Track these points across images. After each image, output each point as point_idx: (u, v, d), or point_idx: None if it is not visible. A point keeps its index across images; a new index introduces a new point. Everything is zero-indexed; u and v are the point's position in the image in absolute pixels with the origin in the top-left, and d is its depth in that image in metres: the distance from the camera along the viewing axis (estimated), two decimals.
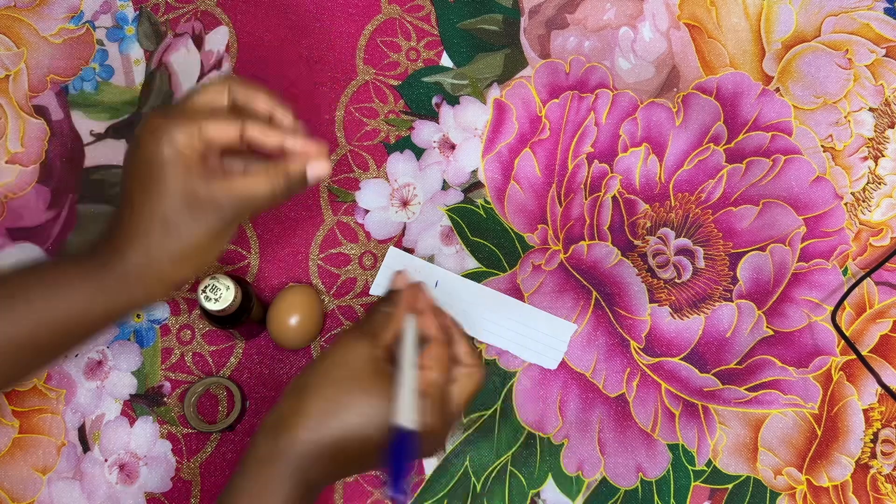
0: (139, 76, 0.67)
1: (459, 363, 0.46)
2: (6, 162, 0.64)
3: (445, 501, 0.60)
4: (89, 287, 0.42)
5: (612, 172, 0.66)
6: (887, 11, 0.71)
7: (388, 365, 0.43)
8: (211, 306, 0.53)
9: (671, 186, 0.66)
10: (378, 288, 0.63)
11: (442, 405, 0.44)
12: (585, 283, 0.64)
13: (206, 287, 0.53)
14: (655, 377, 0.63)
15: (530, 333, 0.62)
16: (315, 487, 0.43)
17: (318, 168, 0.45)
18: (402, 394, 0.42)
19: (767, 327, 0.64)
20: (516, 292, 0.64)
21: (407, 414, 0.41)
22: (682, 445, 0.62)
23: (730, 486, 0.62)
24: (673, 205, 0.66)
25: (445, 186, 0.66)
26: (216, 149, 0.44)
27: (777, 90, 0.69)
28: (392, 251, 0.63)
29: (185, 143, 0.42)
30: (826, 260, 0.66)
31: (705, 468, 0.62)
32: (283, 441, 0.41)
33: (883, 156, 0.68)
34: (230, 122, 0.43)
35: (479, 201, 0.65)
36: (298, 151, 0.45)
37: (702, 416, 0.62)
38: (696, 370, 0.63)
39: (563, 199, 0.66)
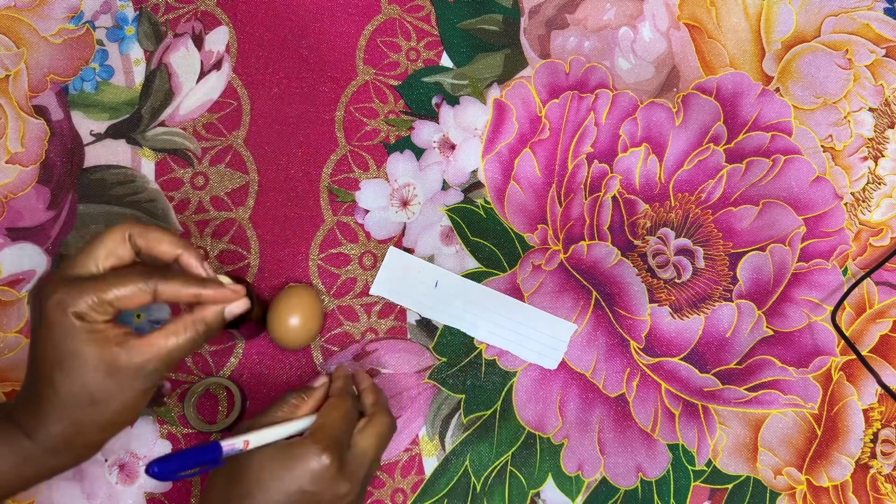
0: (139, 76, 0.67)
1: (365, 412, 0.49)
2: (6, 162, 0.64)
3: (445, 501, 0.60)
4: (15, 457, 0.41)
5: (612, 172, 0.66)
6: (887, 11, 0.71)
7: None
8: None
9: (671, 186, 0.67)
10: (378, 288, 0.63)
11: (340, 450, 0.46)
12: (585, 283, 0.64)
13: None
14: (655, 377, 0.63)
15: (530, 333, 0.62)
16: None
17: (236, 308, 0.44)
18: (268, 431, 0.45)
19: (767, 327, 0.64)
20: (516, 292, 0.64)
21: (258, 438, 0.44)
22: (682, 445, 0.62)
23: (730, 486, 0.62)
24: (673, 205, 0.66)
25: (445, 186, 0.66)
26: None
27: (777, 90, 0.69)
28: (392, 251, 0.63)
29: (97, 316, 0.40)
30: (826, 260, 0.66)
31: (705, 468, 0.62)
32: None
33: (883, 156, 0.68)
34: (140, 287, 0.41)
35: (479, 201, 0.65)
36: (214, 300, 0.43)
37: (702, 416, 0.62)
38: (696, 370, 0.63)
39: (563, 199, 0.66)
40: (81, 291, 0.39)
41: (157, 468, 0.39)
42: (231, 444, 0.43)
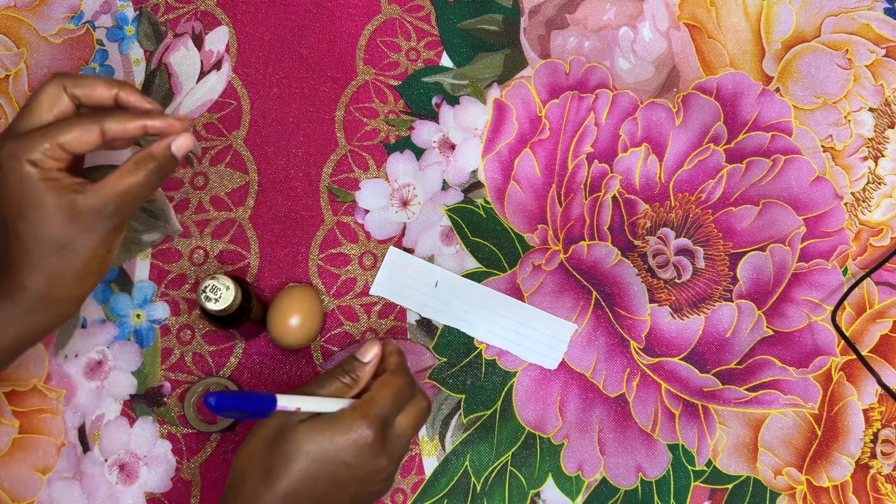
0: (139, 76, 0.67)
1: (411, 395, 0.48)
2: None
3: (445, 501, 0.60)
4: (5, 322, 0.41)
5: (612, 172, 0.66)
6: (887, 11, 0.71)
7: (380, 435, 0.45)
8: (211, 306, 0.53)
9: (671, 186, 0.67)
10: (378, 288, 0.63)
11: (384, 430, 0.45)
12: (585, 283, 0.64)
13: (206, 287, 0.53)
14: (655, 377, 0.63)
15: (530, 333, 0.62)
16: None
17: (181, 142, 0.44)
18: (320, 401, 0.45)
19: (767, 327, 0.64)
20: (516, 292, 0.64)
21: (307, 403, 0.45)
22: (682, 445, 0.62)
23: (730, 486, 0.62)
24: (673, 205, 0.66)
25: (445, 186, 0.66)
26: (80, 155, 0.43)
27: (777, 90, 0.69)
28: (392, 251, 0.63)
29: (49, 161, 0.41)
30: (826, 260, 0.66)
31: (705, 468, 0.62)
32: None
33: (883, 156, 0.68)
34: (86, 126, 0.42)
35: (479, 201, 0.65)
36: (162, 130, 0.44)
37: (702, 416, 0.62)
38: (696, 370, 0.63)
39: (563, 199, 0.66)
40: (32, 140, 0.40)
41: (214, 400, 0.41)
42: (285, 405, 0.44)
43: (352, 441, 0.44)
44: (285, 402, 0.44)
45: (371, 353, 0.48)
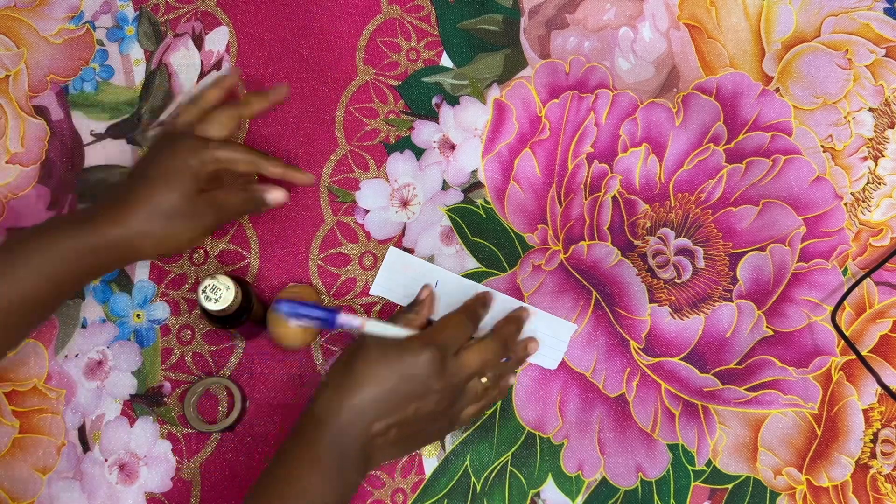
0: (139, 76, 0.67)
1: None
2: (6, 162, 0.64)
3: (445, 501, 0.60)
4: (82, 247, 0.51)
5: (612, 172, 0.66)
6: (887, 11, 0.71)
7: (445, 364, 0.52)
8: (211, 306, 0.53)
9: (671, 186, 0.67)
10: (378, 288, 0.63)
11: (445, 354, 0.52)
12: (585, 283, 0.64)
13: (206, 287, 0.53)
14: (655, 377, 0.63)
15: (530, 333, 0.62)
16: (370, 461, 0.51)
17: (276, 195, 0.57)
18: (384, 325, 0.52)
19: (767, 327, 0.64)
20: (516, 292, 0.64)
21: (374, 326, 0.52)
22: (682, 445, 0.62)
23: (730, 486, 0.62)
24: (673, 205, 0.66)
25: (445, 186, 0.66)
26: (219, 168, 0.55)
27: (777, 90, 0.69)
28: (392, 251, 0.63)
29: (200, 163, 0.54)
30: (826, 260, 0.66)
31: (705, 468, 0.62)
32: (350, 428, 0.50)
33: (883, 156, 0.68)
34: (246, 157, 0.56)
35: (479, 201, 0.65)
36: (280, 178, 0.59)
37: (702, 416, 0.62)
38: (696, 370, 0.63)
39: (563, 199, 0.66)
40: (207, 147, 0.54)
41: (286, 306, 0.50)
42: (349, 319, 0.51)
43: (412, 359, 0.50)
44: (350, 317, 0.51)
45: (425, 292, 0.57)
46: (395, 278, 0.63)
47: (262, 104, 0.59)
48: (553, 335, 0.62)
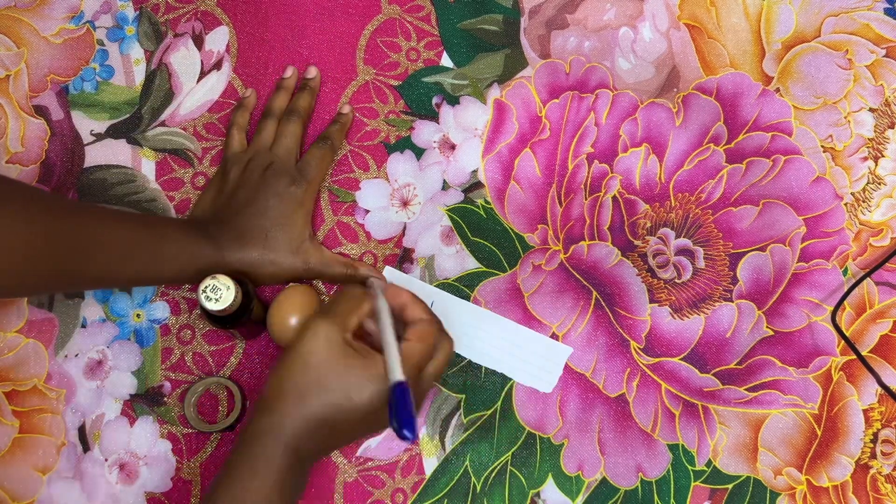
0: (139, 76, 0.67)
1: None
2: (6, 162, 0.64)
3: (445, 501, 0.60)
4: (200, 252, 0.56)
5: (612, 172, 0.66)
6: (887, 12, 0.71)
7: (359, 342, 0.49)
8: (211, 306, 0.53)
9: (671, 186, 0.67)
10: None
11: (419, 376, 0.49)
12: (585, 283, 0.64)
13: (206, 287, 0.53)
14: (655, 377, 0.63)
15: (526, 356, 0.62)
16: (307, 459, 0.48)
17: (377, 281, 0.57)
18: (390, 354, 0.47)
19: (767, 327, 0.64)
20: (516, 292, 0.64)
21: (397, 369, 0.46)
22: (682, 445, 0.62)
23: (730, 486, 0.62)
24: (673, 205, 0.66)
25: (445, 186, 0.66)
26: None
27: (777, 90, 0.69)
28: (388, 271, 0.63)
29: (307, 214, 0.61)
30: (826, 260, 0.66)
31: (705, 468, 0.62)
32: (271, 419, 0.47)
33: (883, 156, 0.68)
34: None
35: (480, 201, 0.65)
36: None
37: (702, 416, 0.62)
38: (696, 370, 0.63)
39: (563, 199, 0.66)
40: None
41: (408, 432, 0.44)
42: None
43: (382, 390, 0.47)
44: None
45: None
46: None
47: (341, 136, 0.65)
48: (548, 358, 0.62)
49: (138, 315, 0.62)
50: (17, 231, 0.47)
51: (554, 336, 0.63)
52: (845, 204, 0.67)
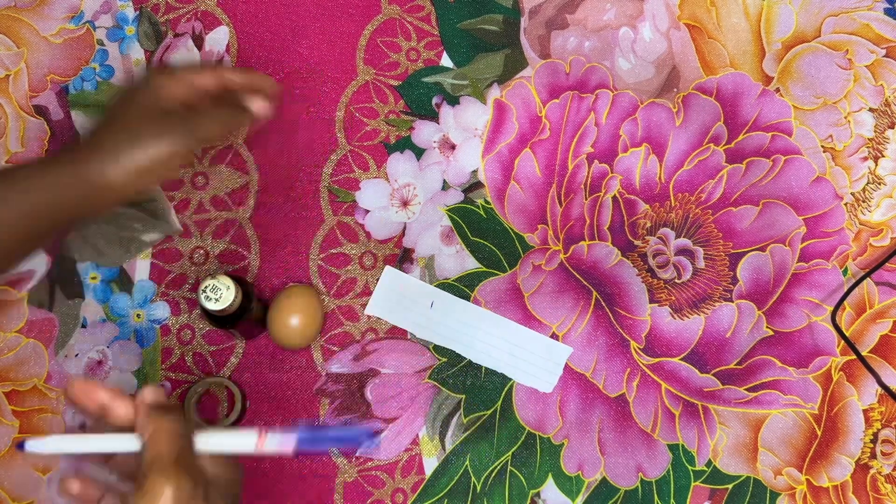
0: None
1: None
2: (6, 162, 0.64)
3: (445, 501, 0.60)
4: (69, 182, 0.48)
5: (612, 172, 0.66)
6: (887, 12, 0.71)
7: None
8: (211, 306, 0.53)
9: (671, 186, 0.67)
10: (374, 308, 0.63)
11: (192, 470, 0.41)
12: (585, 283, 0.64)
13: (206, 287, 0.53)
14: (655, 377, 0.63)
15: (526, 356, 0.62)
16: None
17: (260, 103, 0.52)
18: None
19: (767, 327, 0.64)
20: (516, 292, 0.64)
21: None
22: (682, 445, 0.62)
23: (730, 486, 0.62)
24: (673, 205, 0.66)
25: (445, 186, 0.66)
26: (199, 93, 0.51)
27: (777, 90, 0.69)
28: (388, 271, 0.63)
29: (168, 81, 0.50)
30: (826, 260, 0.66)
31: (705, 468, 0.62)
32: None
33: (883, 156, 0.68)
34: (214, 74, 0.51)
35: (480, 201, 0.65)
36: (250, 85, 0.53)
37: (702, 416, 0.62)
38: (696, 370, 0.63)
39: (563, 199, 0.66)
40: (175, 72, 0.51)
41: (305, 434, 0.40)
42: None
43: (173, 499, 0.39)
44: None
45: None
46: (390, 298, 0.63)
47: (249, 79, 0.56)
48: (548, 358, 0.62)
49: (138, 315, 0.62)
50: None
51: (554, 336, 0.63)
52: (845, 204, 0.67)
